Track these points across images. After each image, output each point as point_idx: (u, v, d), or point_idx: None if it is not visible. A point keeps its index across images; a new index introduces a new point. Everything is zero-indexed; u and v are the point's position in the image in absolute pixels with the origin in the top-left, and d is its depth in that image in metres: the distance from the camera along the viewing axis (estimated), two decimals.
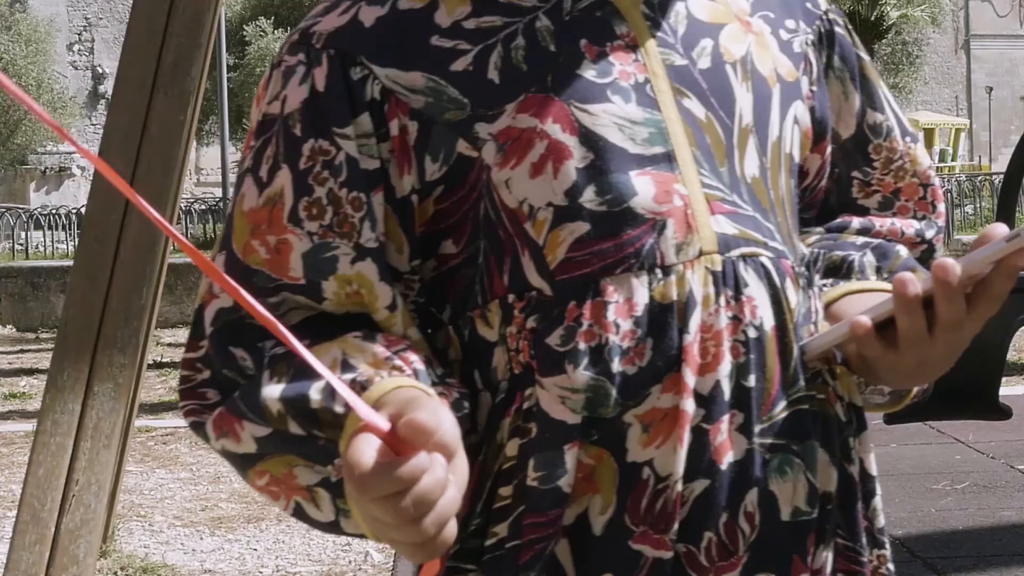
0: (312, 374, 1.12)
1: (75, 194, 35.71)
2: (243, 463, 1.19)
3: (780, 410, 1.20)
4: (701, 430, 1.17)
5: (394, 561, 5.00)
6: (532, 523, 1.17)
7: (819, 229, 1.39)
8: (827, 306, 1.30)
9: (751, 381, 1.18)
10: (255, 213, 1.21)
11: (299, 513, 1.20)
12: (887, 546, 1.31)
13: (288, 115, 1.21)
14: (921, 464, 6.19)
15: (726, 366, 1.18)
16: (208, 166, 36.54)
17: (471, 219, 1.22)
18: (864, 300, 1.30)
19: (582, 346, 1.17)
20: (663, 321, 1.17)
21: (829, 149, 1.37)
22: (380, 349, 1.15)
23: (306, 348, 1.15)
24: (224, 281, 0.96)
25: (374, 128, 1.20)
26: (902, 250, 1.35)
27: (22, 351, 11.56)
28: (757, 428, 1.19)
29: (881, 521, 1.30)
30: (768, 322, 1.20)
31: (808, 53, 1.33)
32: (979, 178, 26.86)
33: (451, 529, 1.01)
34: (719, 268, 1.19)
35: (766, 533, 1.20)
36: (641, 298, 1.18)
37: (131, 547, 5.20)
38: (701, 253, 1.19)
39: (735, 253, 1.20)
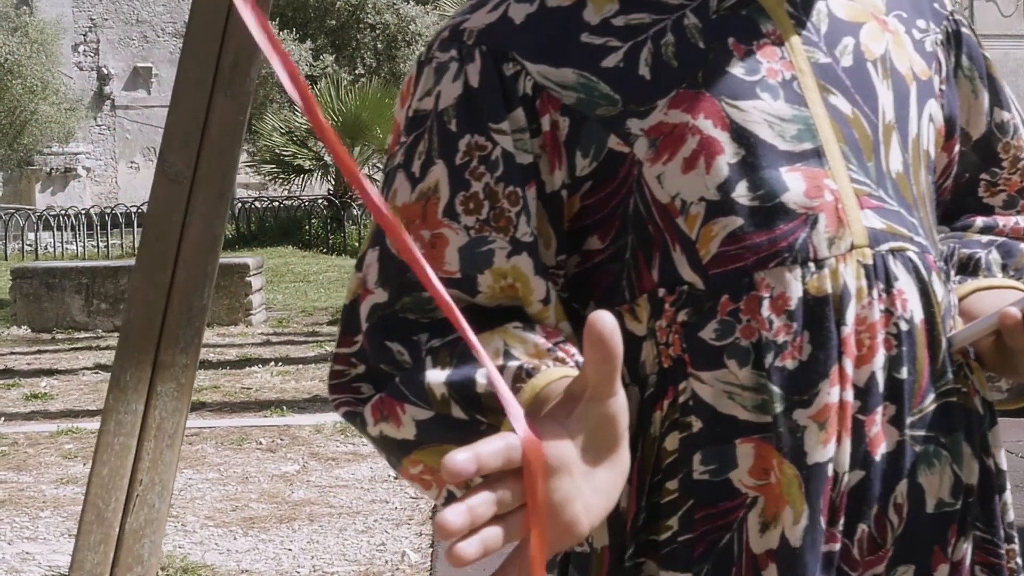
0: (475, 362, 1.13)
1: (80, 195, 35.70)
2: (399, 450, 1.19)
3: (929, 402, 1.21)
4: (857, 421, 1.19)
5: (431, 561, 4.99)
6: (704, 516, 1.18)
7: (944, 227, 1.40)
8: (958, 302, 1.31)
9: (903, 373, 1.20)
10: (408, 208, 1.22)
11: (450, 503, 1.19)
12: (1016, 540, 1.31)
13: (442, 111, 1.21)
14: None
15: (880, 358, 1.19)
16: None
17: (619, 214, 1.22)
18: (993, 296, 1.32)
19: (743, 343, 1.17)
20: (819, 314, 1.18)
21: (956, 148, 1.38)
22: (541, 340, 1.16)
23: (459, 340, 1.16)
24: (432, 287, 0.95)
25: (527, 123, 1.21)
26: None
27: (39, 352, 11.55)
28: (908, 420, 1.20)
29: (1011, 515, 1.31)
30: (917, 315, 1.21)
31: (938, 52, 1.34)
32: None
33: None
34: (870, 262, 1.20)
35: (912, 525, 1.21)
36: (795, 292, 1.18)
37: (168, 547, 5.19)
38: (852, 247, 1.20)
39: (884, 247, 1.21)
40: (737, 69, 1.21)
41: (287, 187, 24.60)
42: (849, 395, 1.17)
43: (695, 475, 1.18)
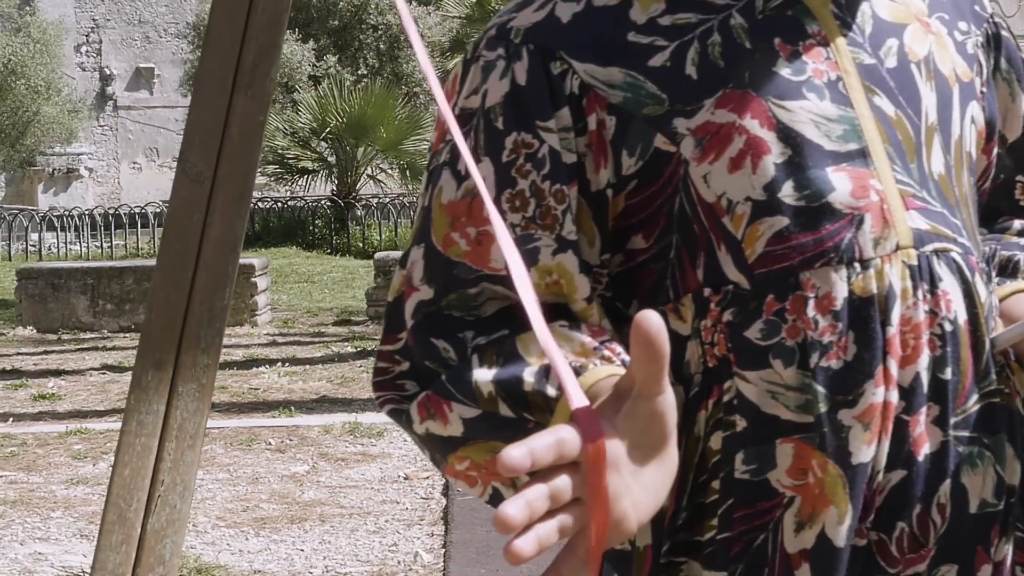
0: (523, 360, 1.14)
1: (83, 195, 35.70)
2: (445, 447, 1.19)
3: (973, 403, 1.22)
4: (901, 421, 1.19)
5: (444, 561, 4.99)
6: (742, 515, 1.18)
7: (983, 229, 1.41)
8: None
9: (947, 374, 1.20)
10: (454, 206, 1.22)
11: (496, 499, 1.20)
12: None
13: (489, 109, 1.22)
14: None
15: (924, 359, 1.19)
16: None
17: (664, 213, 1.23)
18: None
19: (789, 343, 1.18)
20: (865, 314, 1.18)
21: (995, 151, 1.39)
22: (587, 339, 1.16)
23: (507, 337, 1.17)
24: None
25: (573, 122, 1.21)
26: None
27: (45, 352, 11.55)
28: (952, 420, 1.21)
29: None
30: (961, 316, 1.21)
31: (979, 55, 1.35)
32: None
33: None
34: (915, 262, 1.21)
35: (954, 525, 1.22)
36: (840, 292, 1.19)
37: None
38: (898, 247, 1.20)
39: (929, 248, 1.21)
40: (783, 69, 1.22)
41: (290, 187, 24.61)
42: (893, 396, 1.18)
43: (736, 474, 1.19)
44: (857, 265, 1.19)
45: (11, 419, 8.31)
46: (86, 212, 24.38)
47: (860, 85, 1.23)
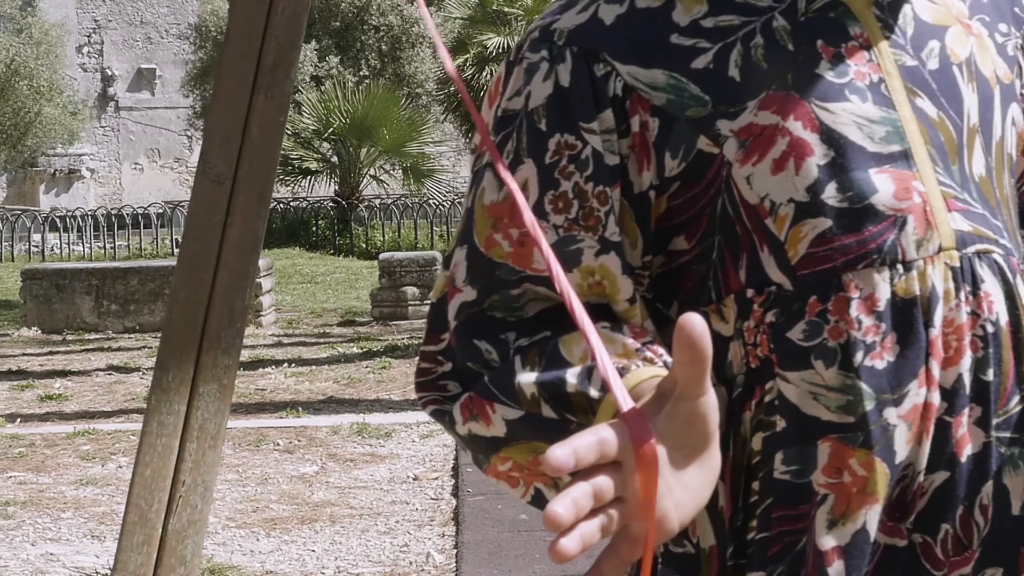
0: (565, 362, 1.14)
1: (84, 196, 35.71)
2: (487, 448, 1.20)
3: (1015, 404, 1.22)
4: (943, 423, 1.19)
5: (457, 562, 5.00)
6: (781, 516, 1.19)
7: (1022, 231, 1.41)
8: None
9: (989, 375, 1.20)
10: (497, 207, 1.22)
11: (538, 500, 1.21)
12: None
13: (533, 110, 1.22)
14: None
15: (967, 360, 1.20)
16: None
17: (706, 215, 1.23)
18: None
19: (831, 344, 1.18)
20: (908, 316, 1.19)
21: None
22: (629, 340, 1.17)
23: (549, 339, 1.17)
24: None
25: (616, 124, 1.22)
26: None
27: (51, 353, 11.56)
28: (994, 422, 1.21)
29: None
30: (1003, 317, 1.22)
31: (1019, 57, 1.35)
32: None
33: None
34: (957, 264, 1.21)
35: (997, 527, 1.22)
36: (883, 293, 1.19)
37: None
38: (940, 249, 1.20)
39: (971, 250, 1.22)
40: (826, 71, 1.22)
41: (293, 188, 24.61)
42: (935, 397, 1.18)
43: (775, 474, 1.19)
44: (900, 267, 1.19)
45: (19, 420, 8.32)
46: (89, 213, 24.38)
47: (902, 87, 1.23)
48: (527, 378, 1.15)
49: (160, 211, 26.49)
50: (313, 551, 5.28)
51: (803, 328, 1.19)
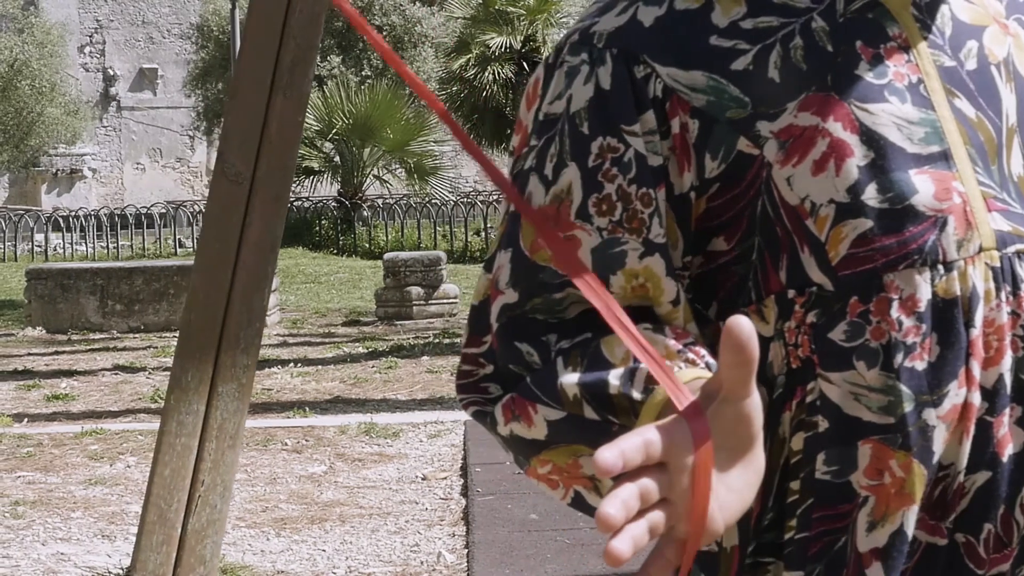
0: (608, 363, 1.15)
1: (86, 196, 35.72)
2: (528, 450, 1.20)
3: None
4: (984, 423, 1.20)
5: (468, 562, 5.00)
6: (821, 516, 1.19)
7: None
8: None
9: None
10: (541, 211, 1.23)
11: (578, 502, 1.22)
12: None
13: (574, 113, 1.22)
14: None
15: (1008, 360, 1.20)
16: None
17: (746, 216, 1.23)
18: None
19: (873, 344, 1.19)
20: (948, 316, 1.19)
21: None
22: (671, 342, 1.17)
23: (591, 340, 1.18)
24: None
25: (657, 126, 1.22)
26: None
27: (56, 353, 11.57)
28: None
29: None
30: None
31: None
32: None
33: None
34: (997, 264, 1.21)
35: None
36: (924, 294, 1.19)
37: None
38: (981, 249, 1.21)
39: (1011, 250, 1.22)
40: (865, 72, 1.22)
41: (297, 188, 24.62)
42: (975, 397, 1.19)
43: (817, 474, 1.19)
44: (941, 267, 1.20)
45: (25, 419, 8.33)
46: (92, 213, 24.40)
47: (941, 87, 1.24)
48: (569, 379, 1.16)
49: (163, 211, 26.50)
50: (324, 551, 5.28)
51: (844, 329, 1.20)
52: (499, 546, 5.10)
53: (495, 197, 27.57)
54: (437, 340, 11.82)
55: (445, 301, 13.85)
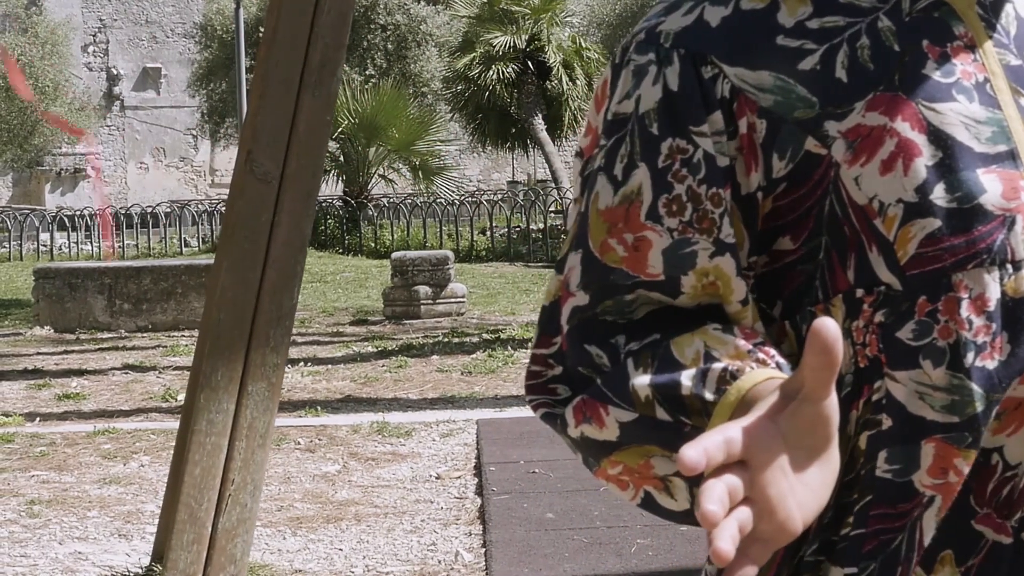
0: (678, 364, 1.16)
1: (90, 195, 35.70)
2: (599, 451, 1.20)
3: None
4: None
5: (486, 561, 5.00)
6: (879, 514, 1.19)
7: None
8: None
9: None
10: (611, 212, 1.23)
11: (647, 502, 1.22)
12: None
13: (644, 114, 1.23)
14: None
15: None
16: (223, 167, 36.58)
17: (813, 216, 1.23)
18: None
19: (940, 343, 1.19)
20: (1018, 315, 1.19)
21: None
22: (741, 342, 1.17)
23: (660, 341, 1.18)
24: None
25: (724, 126, 1.22)
26: None
27: (65, 352, 11.57)
28: None
29: None
30: None
31: None
32: None
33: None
34: None
35: None
36: (993, 293, 1.19)
37: None
38: None
39: None
40: (933, 72, 1.23)
41: None
42: None
43: (877, 471, 1.20)
44: (1009, 266, 1.20)
45: (37, 419, 8.34)
46: (96, 212, 24.41)
47: (1007, 87, 1.24)
48: (641, 380, 1.16)
49: (168, 211, 26.51)
50: (340, 550, 5.28)
51: (912, 328, 1.20)
52: (517, 545, 5.10)
53: (499, 197, 27.57)
54: (446, 339, 11.82)
55: (453, 300, 13.86)
